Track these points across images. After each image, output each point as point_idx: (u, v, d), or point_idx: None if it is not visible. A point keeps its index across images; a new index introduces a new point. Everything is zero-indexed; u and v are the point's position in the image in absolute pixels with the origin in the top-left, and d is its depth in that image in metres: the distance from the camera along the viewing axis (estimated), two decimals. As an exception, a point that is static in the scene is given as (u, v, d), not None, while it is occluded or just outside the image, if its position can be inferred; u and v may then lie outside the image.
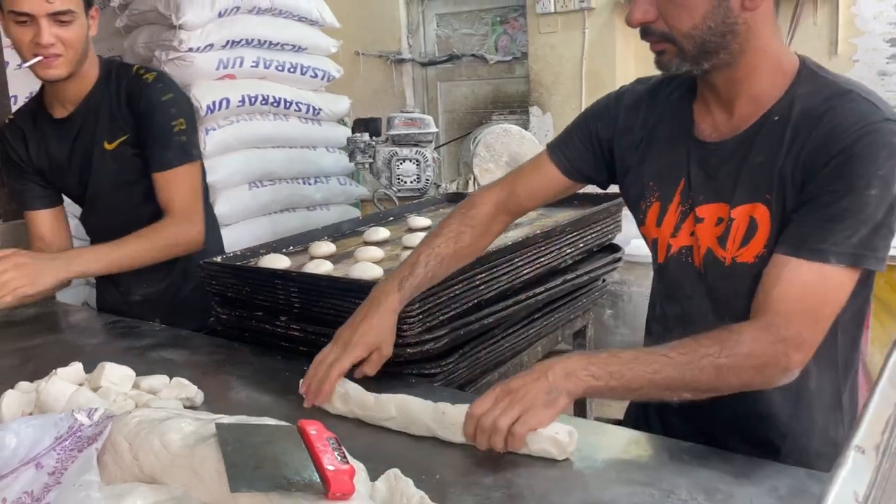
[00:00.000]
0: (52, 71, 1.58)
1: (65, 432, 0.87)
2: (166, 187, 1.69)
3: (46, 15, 1.51)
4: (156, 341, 1.59)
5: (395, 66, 4.71)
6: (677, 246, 1.17)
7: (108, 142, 1.71)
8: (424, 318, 1.38)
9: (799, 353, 0.99)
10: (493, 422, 0.98)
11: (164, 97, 1.68)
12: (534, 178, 1.34)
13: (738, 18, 1.02)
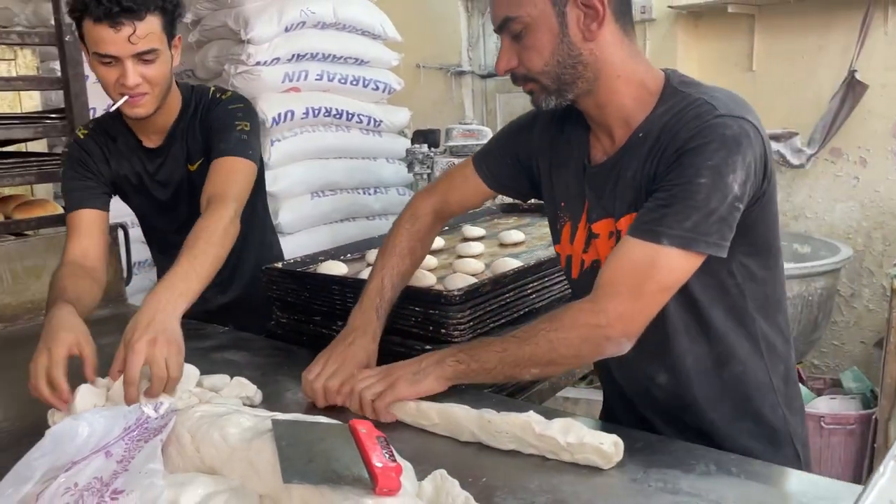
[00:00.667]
0: (138, 109, 1.58)
1: (132, 424, 0.93)
2: (213, 174, 1.60)
3: (131, 56, 1.50)
4: (219, 343, 1.66)
5: (455, 78, 4.76)
6: (589, 260, 1.26)
7: (191, 164, 1.75)
8: (475, 326, 1.41)
9: (620, 324, 1.08)
10: (360, 391, 1.18)
11: (232, 106, 1.71)
12: (463, 188, 1.45)
13: (581, 49, 1.12)
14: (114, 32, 1.47)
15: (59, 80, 1.91)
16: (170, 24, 1.56)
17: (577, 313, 1.11)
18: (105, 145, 1.74)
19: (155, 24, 1.52)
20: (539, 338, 1.11)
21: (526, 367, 1.14)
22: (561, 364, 1.15)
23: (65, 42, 1.86)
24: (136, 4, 1.47)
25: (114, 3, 1.45)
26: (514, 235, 1.90)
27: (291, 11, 3.13)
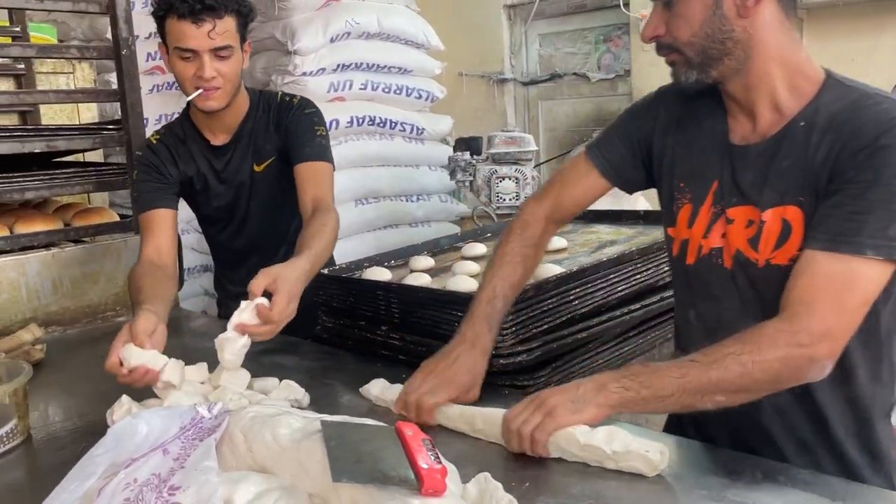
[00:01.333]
0: (211, 102, 1.69)
1: (188, 423, 0.97)
2: (311, 177, 1.71)
3: (209, 50, 1.63)
4: (268, 347, 1.69)
5: (497, 85, 4.78)
6: (708, 247, 1.18)
7: (257, 164, 1.83)
8: (518, 330, 1.42)
9: (825, 343, 0.99)
10: (518, 427, 1.06)
11: (308, 110, 1.81)
12: (578, 185, 1.36)
13: (734, 26, 1.07)
14: (195, 28, 1.60)
15: (115, 93, 1.99)
16: (243, 27, 1.69)
17: (774, 334, 1.00)
18: (174, 148, 1.83)
19: (231, 23, 1.65)
20: (728, 361, 0.99)
21: (710, 394, 1.01)
22: (753, 391, 1.03)
23: (122, 55, 1.93)
24: (217, 3, 1.60)
25: (197, 0, 1.58)
26: (557, 241, 1.90)
27: (337, 22, 3.19)
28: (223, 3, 1.62)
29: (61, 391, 1.52)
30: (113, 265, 1.98)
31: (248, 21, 1.72)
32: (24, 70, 2.53)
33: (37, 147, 1.84)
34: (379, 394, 1.31)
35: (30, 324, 1.78)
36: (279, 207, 1.87)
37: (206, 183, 1.87)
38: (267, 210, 1.89)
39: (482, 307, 1.29)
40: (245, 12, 1.69)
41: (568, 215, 1.41)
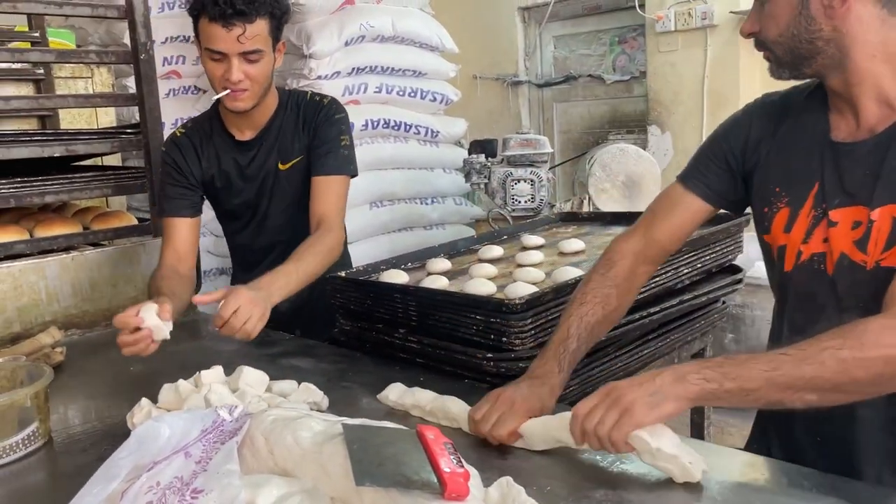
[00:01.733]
0: (238, 103, 1.71)
1: (209, 426, 0.97)
2: (324, 192, 1.75)
3: (238, 54, 1.63)
4: (286, 349, 1.70)
5: (512, 87, 4.78)
6: (808, 252, 1.14)
7: (283, 163, 1.84)
8: (536, 334, 1.41)
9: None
10: (594, 427, 0.99)
11: (337, 115, 1.82)
12: (672, 215, 1.30)
13: (822, 26, 1.06)
14: (225, 31, 1.61)
15: (133, 97, 2.00)
16: (276, 29, 1.69)
17: (879, 330, 0.94)
18: (200, 143, 1.85)
19: (263, 27, 1.65)
20: (825, 356, 0.93)
21: (801, 391, 0.95)
22: (849, 391, 0.96)
23: (140, 60, 1.95)
24: (248, 8, 1.60)
25: (228, 5, 1.59)
26: (574, 244, 1.90)
27: (351, 26, 3.19)
28: (255, 8, 1.61)
29: (81, 394, 1.52)
30: (131, 269, 1.99)
31: (283, 22, 1.72)
32: (44, 75, 2.55)
33: (56, 151, 1.85)
34: (397, 399, 1.31)
35: (49, 327, 1.79)
36: (300, 208, 1.86)
37: (228, 179, 1.88)
38: (288, 210, 1.89)
39: (554, 347, 1.23)
40: (279, 14, 1.69)
41: (662, 250, 1.33)
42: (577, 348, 1.23)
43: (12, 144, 1.80)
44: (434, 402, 1.25)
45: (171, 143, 1.86)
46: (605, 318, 1.27)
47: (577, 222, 2.32)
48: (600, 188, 3.00)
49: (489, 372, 1.41)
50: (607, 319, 1.28)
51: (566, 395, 1.45)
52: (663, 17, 3.76)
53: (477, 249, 2.05)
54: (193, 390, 1.30)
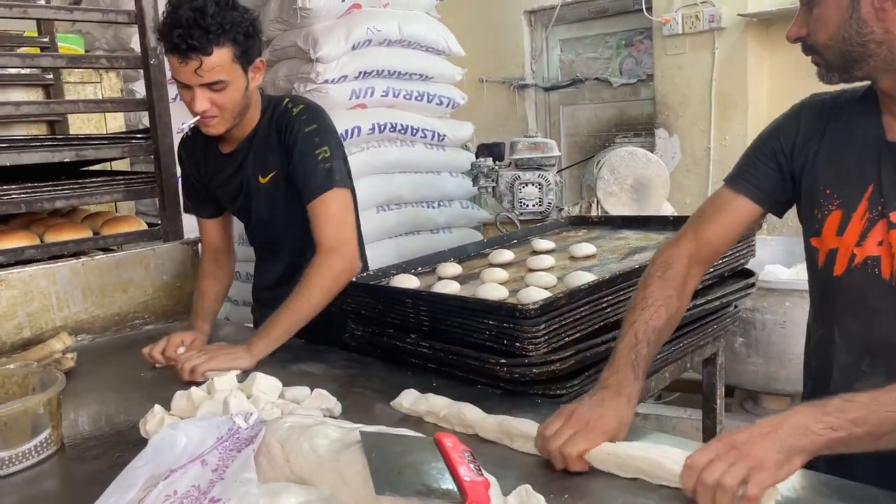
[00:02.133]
0: (209, 129, 1.70)
1: (225, 433, 0.96)
2: (316, 217, 1.71)
3: (198, 85, 1.60)
4: (296, 355, 1.69)
5: (518, 91, 4.77)
6: (862, 255, 1.12)
7: (262, 176, 1.81)
8: (550, 339, 1.40)
9: None
10: (718, 479, 0.90)
11: (308, 128, 1.73)
12: (721, 217, 1.28)
13: (874, 28, 1.05)
14: (181, 64, 1.59)
15: (143, 102, 2.00)
16: (244, 54, 1.64)
17: None
18: (196, 147, 1.89)
19: (224, 56, 1.60)
20: None
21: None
22: None
23: (150, 65, 1.95)
24: (203, 42, 1.55)
25: (182, 39, 1.55)
26: (586, 248, 1.89)
27: (358, 30, 3.19)
28: (211, 40, 1.56)
29: (92, 400, 1.52)
30: (141, 274, 1.99)
31: (252, 45, 1.65)
32: (53, 80, 2.56)
33: (66, 156, 1.85)
34: (410, 405, 1.30)
35: (60, 332, 1.79)
36: (291, 216, 1.84)
37: (217, 188, 1.90)
38: (277, 219, 1.88)
39: (625, 354, 1.18)
40: (242, 40, 1.62)
41: (713, 252, 1.30)
42: (648, 353, 1.19)
43: (23, 150, 1.80)
44: (449, 409, 1.24)
45: (181, 144, 1.91)
46: (669, 320, 1.24)
47: (586, 226, 2.31)
48: (609, 191, 2.99)
49: (502, 378, 1.40)
50: (671, 322, 1.25)
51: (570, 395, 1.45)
52: (670, 20, 3.75)
53: (487, 253, 2.05)
54: (206, 397, 1.30)
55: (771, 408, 2.82)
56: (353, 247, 1.72)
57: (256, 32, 1.66)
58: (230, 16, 1.58)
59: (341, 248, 1.69)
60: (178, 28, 1.54)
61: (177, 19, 1.55)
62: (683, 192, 3.70)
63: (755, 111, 3.64)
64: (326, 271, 1.66)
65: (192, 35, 1.54)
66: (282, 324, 1.63)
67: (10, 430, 1.19)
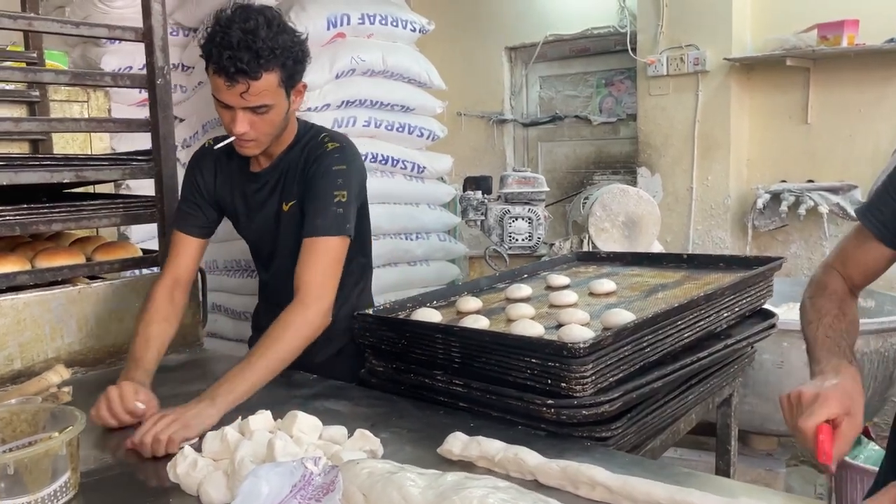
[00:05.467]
0: (245, 150, 1.64)
1: (299, 480, 0.89)
2: (308, 256, 1.61)
3: (241, 108, 1.54)
4: (314, 391, 1.61)
5: (497, 125, 4.79)
6: None
7: (285, 203, 1.73)
8: (597, 379, 1.36)
9: None
10: None
11: (336, 167, 1.67)
12: (858, 253, 1.27)
13: None
14: (228, 86, 1.52)
15: (147, 123, 1.91)
16: (289, 78, 1.58)
17: None
18: (219, 161, 1.78)
19: (272, 80, 1.54)
20: None
21: None
22: None
23: (156, 85, 1.86)
24: (252, 66, 1.49)
25: (232, 62, 1.48)
26: (606, 285, 1.86)
27: (342, 59, 3.16)
28: (262, 65, 1.50)
29: (98, 439, 1.40)
30: (138, 303, 1.86)
31: (299, 69, 1.60)
32: (39, 97, 2.43)
33: (66, 177, 1.74)
34: (461, 451, 1.23)
35: (53, 364, 1.66)
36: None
37: (235, 208, 1.81)
38: (291, 249, 1.77)
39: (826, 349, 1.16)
40: (291, 65, 1.56)
41: (856, 285, 1.30)
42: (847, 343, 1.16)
43: (20, 168, 1.68)
44: (504, 453, 1.18)
45: (197, 154, 1.81)
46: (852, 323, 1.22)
47: (596, 262, 2.29)
48: (600, 227, 2.99)
49: (547, 419, 1.35)
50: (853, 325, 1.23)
51: (624, 442, 1.41)
52: (655, 62, 3.83)
53: (500, 287, 2.00)
54: (242, 439, 1.21)
55: (761, 448, 2.84)
56: (332, 300, 1.62)
57: (305, 57, 1.61)
58: (281, 39, 1.52)
59: (324, 299, 1.59)
60: (227, 50, 1.47)
61: (227, 40, 1.47)
62: (665, 229, 3.73)
63: (737, 151, 3.73)
64: (307, 323, 1.55)
65: (241, 58, 1.47)
66: (253, 377, 1.46)
67: (31, 473, 1.08)
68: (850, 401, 1.04)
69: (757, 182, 3.67)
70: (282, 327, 1.54)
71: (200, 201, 1.78)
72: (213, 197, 1.79)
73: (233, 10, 1.52)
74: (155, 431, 1.29)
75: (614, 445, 1.36)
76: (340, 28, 3.17)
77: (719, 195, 3.76)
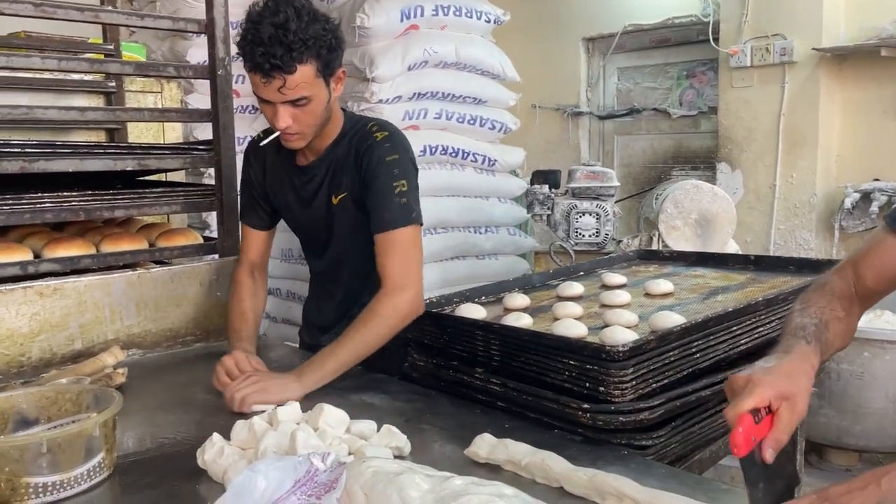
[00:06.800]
0: (290, 144, 1.65)
1: (302, 476, 0.87)
2: (384, 250, 1.64)
3: (282, 102, 1.55)
4: (355, 384, 1.60)
5: (572, 118, 4.69)
6: None
7: (335, 196, 1.74)
8: (637, 385, 1.29)
9: None
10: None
11: (389, 157, 1.66)
12: (875, 256, 1.19)
13: None
14: (264, 82, 1.53)
15: (208, 113, 1.95)
16: (326, 66, 1.57)
17: None
18: (268, 154, 1.80)
19: (308, 72, 1.54)
20: None
21: None
22: None
23: (217, 76, 1.90)
24: (284, 61, 1.49)
25: (265, 58, 1.49)
26: (663, 285, 1.78)
27: (415, 51, 3.15)
28: (296, 57, 1.50)
29: (143, 421, 1.44)
30: (196, 289, 1.92)
31: (335, 57, 1.59)
32: (115, 88, 2.53)
33: (129, 165, 1.80)
34: (487, 454, 1.19)
35: (112, 346, 1.73)
36: (355, 241, 1.77)
37: (286, 201, 1.82)
38: (343, 242, 1.80)
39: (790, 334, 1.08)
40: (326, 54, 1.56)
41: (870, 289, 1.21)
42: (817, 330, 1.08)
43: (86, 156, 1.75)
44: (531, 458, 1.14)
45: (248, 148, 1.84)
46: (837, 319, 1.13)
47: (657, 261, 2.20)
48: (671, 225, 2.88)
49: (583, 424, 1.30)
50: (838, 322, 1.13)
51: (666, 452, 1.34)
52: (738, 52, 3.64)
53: (553, 285, 1.95)
54: (269, 428, 1.21)
55: (839, 463, 2.66)
56: (420, 287, 1.64)
57: (339, 44, 1.60)
58: (312, 29, 1.51)
59: (408, 287, 1.60)
60: (259, 46, 1.48)
61: (258, 37, 1.48)
62: (744, 229, 3.56)
63: (825, 147, 3.51)
64: (392, 310, 1.58)
65: (274, 54, 1.48)
66: (338, 358, 1.53)
67: (64, 453, 1.11)
68: (788, 382, 0.95)
69: (846, 180, 3.45)
70: (370, 314, 1.58)
71: (255, 194, 1.83)
72: (264, 190, 1.82)
73: (263, 4, 1.53)
74: (236, 388, 1.43)
75: (655, 455, 1.29)
76: (414, 20, 3.16)
77: (804, 193, 3.55)
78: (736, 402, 0.93)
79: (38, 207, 1.70)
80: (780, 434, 0.94)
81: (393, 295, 1.59)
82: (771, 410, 0.94)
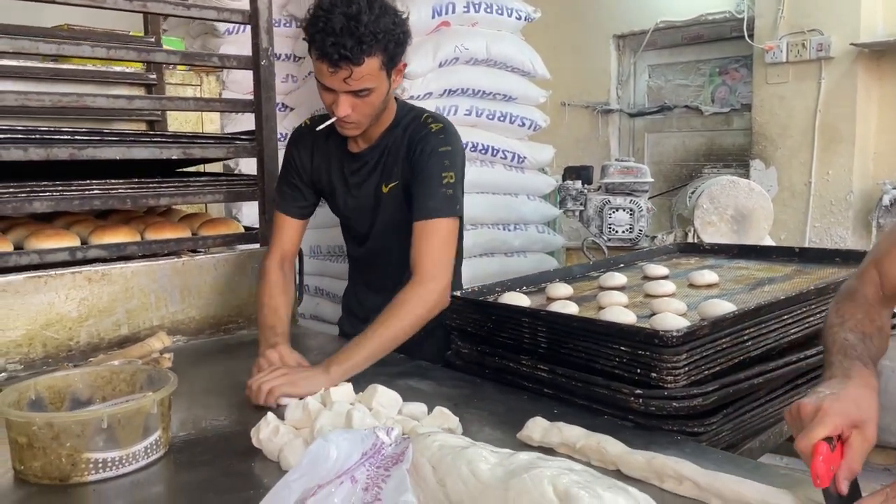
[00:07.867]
0: (346, 131, 1.66)
1: (369, 449, 0.88)
2: (421, 238, 1.63)
3: (344, 92, 1.56)
4: (400, 370, 1.61)
5: (602, 116, 4.67)
6: None
7: (385, 185, 1.74)
8: (690, 371, 1.28)
9: None
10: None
11: (442, 148, 1.67)
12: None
13: None
14: (331, 72, 1.53)
15: (251, 103, 1.97)
16: (390, 60, 1.57)
17: None
18: (316, 140, 1.79)
19: (374, 65, 1.54)
20: None
21: None
22: None
23: (261, 66, 1.91)
24: (354, 53, 1.49)
25: (335, 49, 1.49)
26: (707, 276, 1.76)
27: (446, 47, 3.15)
28: (364, 50, 1.50)
29: (192, 403, 1.46)
30: (238, 277, 1.94)
31: (400, 51, 1.59)
32: (156, 80, 2.57)
33: (174, 154, 1.83)
34: (541, 437, 1.19)
35: (157, 331, 1.75)
36: (403, 230, 1.74)
37: (333, 187, 1.82)
38: (392, 231, 1.80)
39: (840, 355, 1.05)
40: (393, 48, 1.56)
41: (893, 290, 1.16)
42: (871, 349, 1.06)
43: (133, 144, 1.77)
44: (586, 441, 1.13)
45: (294, 134, 1.83)
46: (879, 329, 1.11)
47: (698, 254, 2.19)
48: (707, 221, 2.85)
49: (634, 410, 1.29)
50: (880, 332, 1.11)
51: (718, 440, 1.33)
52: (774, 48, 3.61)
53: (593, 276, 1.94)
54: (323, 409, 1.22)
55: (876, 462, 2.63)
56: (449, 280, 1.64)
57: (406, 38, 1.60)
58: (383, 23, 1.52)
59: (439, 279, 1.60)
60: (330, 36, 1.48)
61: (330, 26, 1.48)
62: (779, 226, 3.53)
63: (862, 145, 3.47)
64: (421, 301, 1.57)
65: (344, 45, 1.48)
66: (367, 349, 1.51)
67: (123, 429, 1.13)
68: (857, 410, 0.93)
69: (884, 177, 3.40)
70: (398, 305, 1.56)
71: (298, 181, 1.81)
72: (310, 176, 1.81)
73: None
74: (263, 380, 1.40)
75: (707, 442, 1.28)
76: (445, 17, 3.16)
77: (841, 190, 3.51)
78: (808, 432, 0.91)
79: (87, 194, 1.73)
80: (853, 463, 0.92)
81: (422, 285, 1.58)
82: (841, 439, 0.92)
